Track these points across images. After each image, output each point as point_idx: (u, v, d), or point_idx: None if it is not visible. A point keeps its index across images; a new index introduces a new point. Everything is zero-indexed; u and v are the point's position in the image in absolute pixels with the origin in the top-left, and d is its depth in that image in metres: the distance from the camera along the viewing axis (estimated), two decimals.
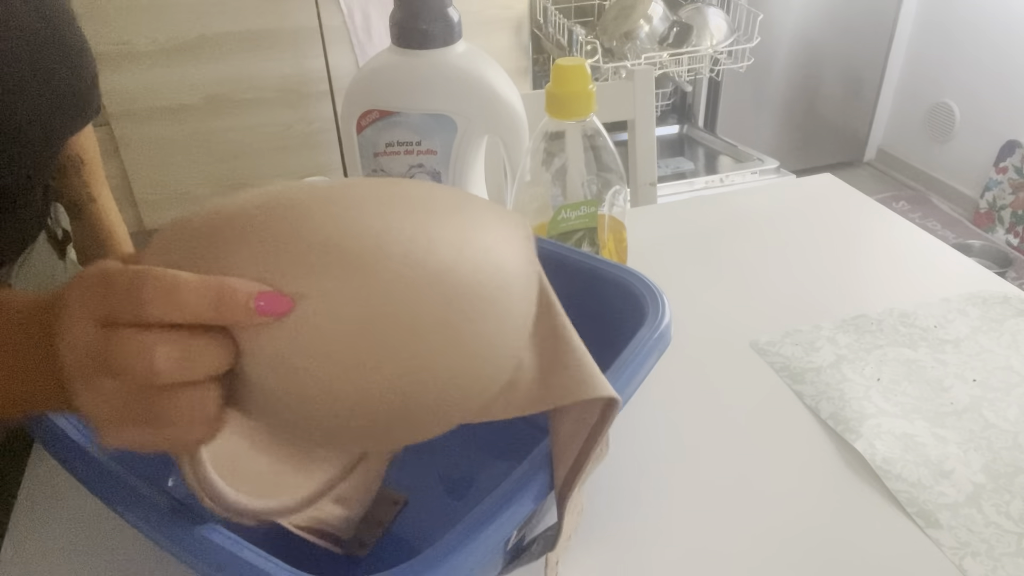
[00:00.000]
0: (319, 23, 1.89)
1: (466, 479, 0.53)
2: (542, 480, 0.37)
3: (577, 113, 0.57)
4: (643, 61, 1.73)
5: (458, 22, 0.61)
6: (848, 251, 0.78)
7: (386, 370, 0.29)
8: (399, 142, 0.62)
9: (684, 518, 0.50)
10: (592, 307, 0.52)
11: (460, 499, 0.51)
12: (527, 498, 0.36)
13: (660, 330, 0.46)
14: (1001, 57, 2.26)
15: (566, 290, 0.54)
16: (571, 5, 2.04)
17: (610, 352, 0.43)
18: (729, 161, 2.10)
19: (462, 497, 0.51)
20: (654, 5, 1.81)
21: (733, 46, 1.82)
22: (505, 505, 0.35)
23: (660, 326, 0.46)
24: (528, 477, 0.36)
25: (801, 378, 0.61)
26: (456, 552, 0.32)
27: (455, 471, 0.53)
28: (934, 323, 0.66)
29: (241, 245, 0.28)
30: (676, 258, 0.78)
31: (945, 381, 0.60)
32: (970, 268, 0.75)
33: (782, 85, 2.46)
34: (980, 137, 2.38)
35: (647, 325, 0.46)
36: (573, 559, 0.47)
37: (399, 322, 0.29)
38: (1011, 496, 0.50)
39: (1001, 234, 2.29)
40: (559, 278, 0.54)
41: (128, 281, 0.26)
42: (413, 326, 0.29)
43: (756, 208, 0.87)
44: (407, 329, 0.29)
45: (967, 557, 0.47)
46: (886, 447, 0.54)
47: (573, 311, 0.54)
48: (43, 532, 0.49)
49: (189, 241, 0.29)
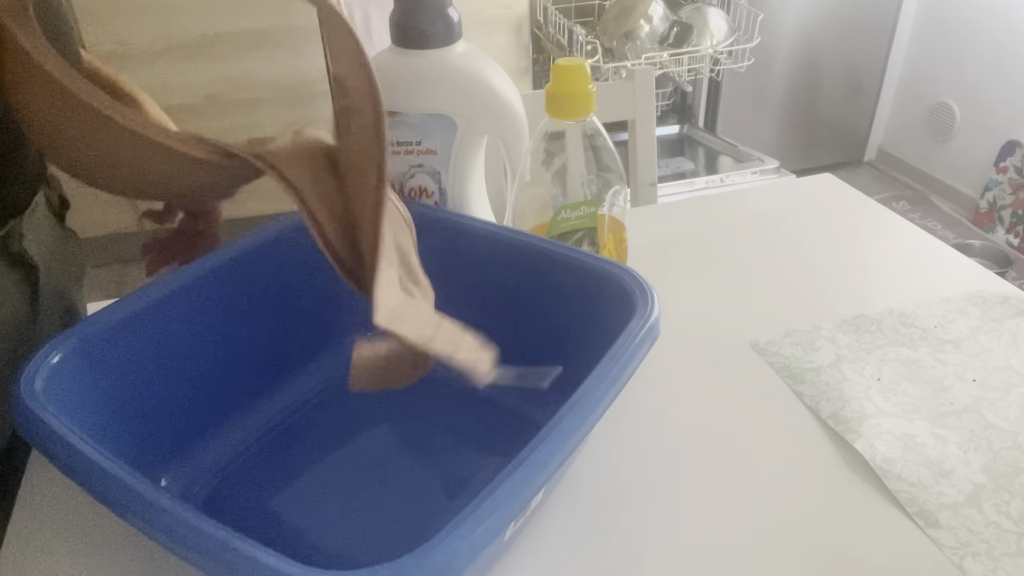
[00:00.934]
0: None
1: (459, 479, 0.53)
2: (537, 476, 0.37)
3: (577, 113, 0.57)
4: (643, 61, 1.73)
5: (458, 22, 0.61)
6: (848, 251, 0.78)
7: None
8: (399, 142, 0.62)
9: (684, 518, 0.50)
10: (582, 302, 0.53)
11: (453, 498, 0.51)
12: (525, 493, 0.36)
13: (650, 322, 0.46)
14: (1001, 57, 2.26)
15: (555, 285, 0.54)
16: (571, 5, 2.04)
17: (600, 345, 0.43)
18: (729, 161, 2.10)
19: (455, 496, 0.52)
20: (654, 5, 1.81)
21: (733, 46, 1.82)
22: (501, 503, 0.34)
23: (650, 319, 0.46)
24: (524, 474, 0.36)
25: (801, 378, 0.61)
26: (453, 545, 0.32)
27: (448, 471, 0.53)
28: (934, 323, 0.66)
29: None
30: (676, 258, 0.78)
31: (945, 381, 0.60)
32: (970, 268, 0.75)
33: (782, 85, 2.46)
34: (980, 137, 2.38)
35: (636, 318, 0.46)
36: (571, 559, 0.48)
37: None
38: (1011, 496, 0.50)
39: (1001, 234, 2.29)
40: (548, 274, 0.54)
41: None
42: None
43: (756, 208, 0.87)
44: None
45: (967, 557, 0.47)
46: (886, 447, 0.54)
47: (562, 307, 0.54)
48: (43, 534, 0.49)
49: None
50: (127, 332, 0.48)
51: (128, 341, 0.48)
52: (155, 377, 0.49)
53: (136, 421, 0.48)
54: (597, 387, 0.41)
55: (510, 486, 0.35)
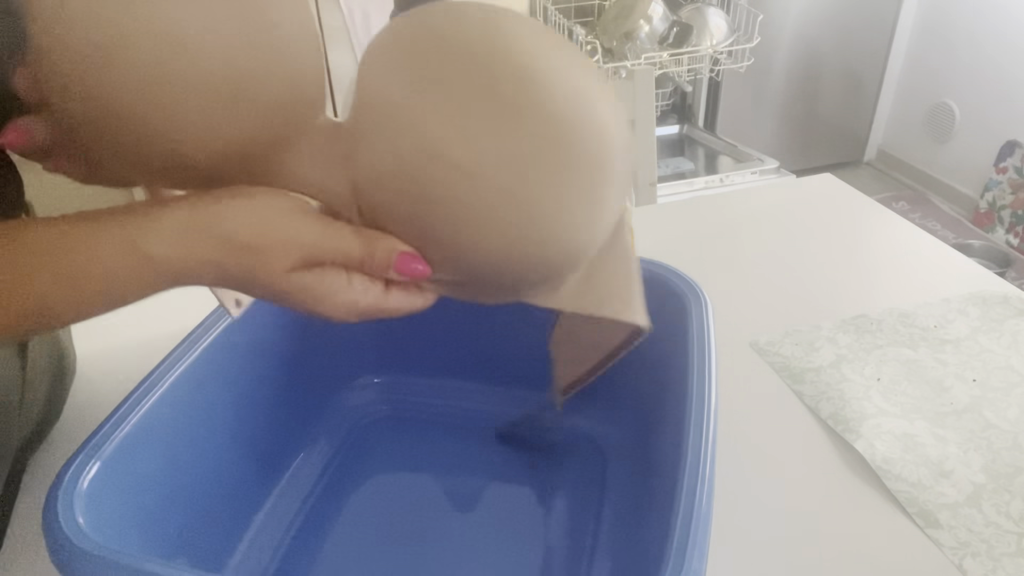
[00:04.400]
0: (319, 23, 1.89)
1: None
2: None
3: None
4: (643, 61, 1.73)
5: None
6: (848, 251, 0.78)
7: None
8: None
9: None
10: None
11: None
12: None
13: (710, 327, 0.47)
14: (1001, 57, 2.26)
15: None
16: (571, 5, 2.04)
17: (659, 351, 0.44)
18: (729, 161, 2.09)
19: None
20: (654, 5, 1.81)
21: (733, 46, 1.82)
22: None
23: (708, 320, 0.47)
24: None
25: (801, 378, 0.61)
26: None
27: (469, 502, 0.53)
28: (934, 323, 0.66)
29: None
30: (676, 258, 0.78)
31: (945, 381, 0.60)
32: (970, 268, 0.75)
33: (782, 85, 2.46)
34: (980, 137, 2.37)
35: (695, 322, 0.47)
36: None
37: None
38: (1011, 496, 0.50)
39: (1001, 234, 2.29)
40: None
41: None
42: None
43: (756, 208, 0.87)
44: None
45: (967, 557, 0.47)
46: (886, 447, 0.54)
47: None
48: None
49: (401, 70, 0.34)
50: (145, 443, 0.43)
51: (146, 454, 0.43)
52: (185, 480, 0.46)
53: (169, 531, 0.44)
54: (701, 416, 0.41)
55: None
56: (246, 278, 0.34)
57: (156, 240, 0.32)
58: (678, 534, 0.34)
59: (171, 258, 0.32)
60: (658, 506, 0.38)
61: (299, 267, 0.34)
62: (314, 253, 0.34)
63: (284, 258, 0.34)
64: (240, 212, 0.34)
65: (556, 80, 0.33)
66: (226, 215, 0.33)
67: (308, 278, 0.34)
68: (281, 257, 0.33)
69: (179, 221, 0.33)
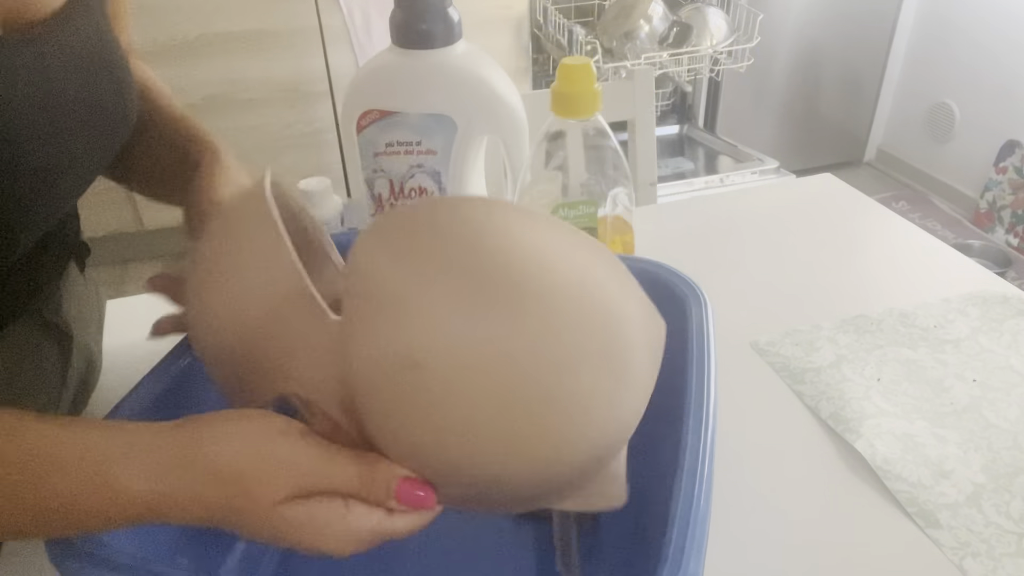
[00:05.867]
0: (319, 23, 1.89)
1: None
2: None
3: (582, 112, 0.57)
4: (643, 61, 1.73)
5: (458, 22, 0.61)
6: (848, 251, 0.78)
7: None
8: (399, 142, 0.62)
9: None
10: None
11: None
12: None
13: (710, 326, 0.46)
14: (1001, 57, 2.26)
15: None
16: (571, 5, 2.04)
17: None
18: (729, 161, 2.09)
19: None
20: (654, 5, 1.81)
21: (733, 46, 1.82)
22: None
23: (708, 323, 0.46)
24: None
25: (801, 378, 0.61)
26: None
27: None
28: (934, 323, 0.66)
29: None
30: (676, 258, 0.77)
31: (945, 381, 0.60)
32: (970, 268, 0.75)
33: (782, 85, 2.46)
34: (980, 137, 2.37)
35: (695, 322, 0.46)
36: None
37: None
38: (1011, 496, 0.50)
39: (1001, 234, 2.29)
40: None
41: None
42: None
43: (756, 208, 0.87)
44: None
45: (967, 557, 0.47)
46: (886, 447, 0.54)
47: None
48: None
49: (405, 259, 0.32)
50: None
51: None
52: None
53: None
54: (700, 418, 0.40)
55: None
56: (230, 515, 0.32)
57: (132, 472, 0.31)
58: (676, 534, 0.34)
59: (146, 492, 0.31)
60: (657, 506, 0.38)
61: (291, 498, 0.32)
62: (310, 481, 0.32)
63: (275, 490, 0.31)
64: (232, 438, 0.32)
65: (552, 281, 0.32)
66: (214, 440, 0.32)
67: (300, 511, 0.32)
68: (270, 489, 0.31)
69: (160, 450, 0.32)
